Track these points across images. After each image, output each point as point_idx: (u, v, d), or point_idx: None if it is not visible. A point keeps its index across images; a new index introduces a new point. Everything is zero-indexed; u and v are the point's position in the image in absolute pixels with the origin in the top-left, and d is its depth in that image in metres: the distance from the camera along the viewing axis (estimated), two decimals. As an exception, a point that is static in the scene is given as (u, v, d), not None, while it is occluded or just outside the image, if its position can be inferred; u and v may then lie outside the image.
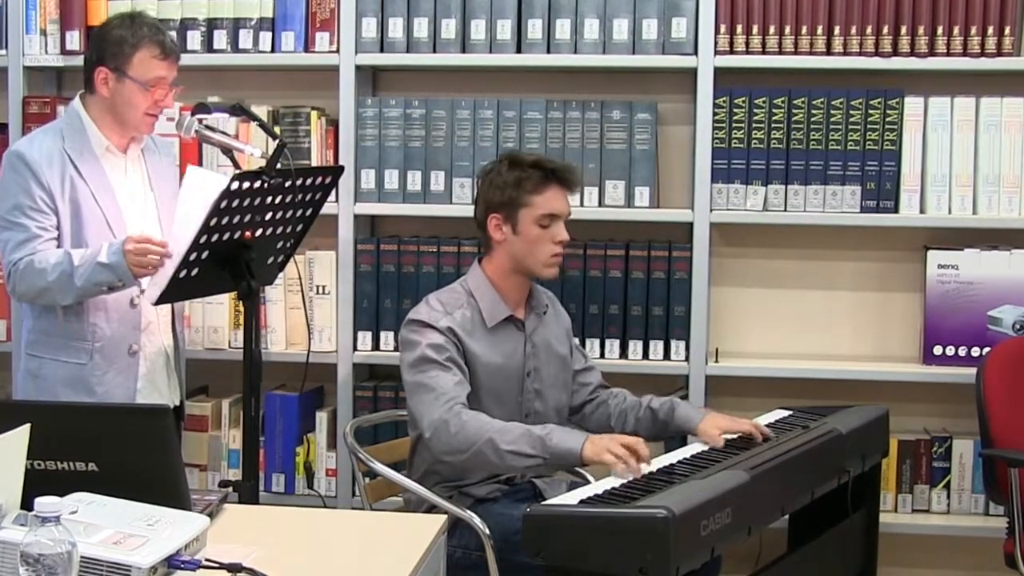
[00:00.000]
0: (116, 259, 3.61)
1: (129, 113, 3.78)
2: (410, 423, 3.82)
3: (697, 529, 2.99)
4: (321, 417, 4.61)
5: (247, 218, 3.65)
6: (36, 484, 2.36)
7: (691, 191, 4.38)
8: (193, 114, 3.89)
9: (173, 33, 4.28)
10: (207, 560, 2.45)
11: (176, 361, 3.98)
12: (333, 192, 4.14)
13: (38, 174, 3.68)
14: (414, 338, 3.69)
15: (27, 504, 2.30)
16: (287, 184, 3.69)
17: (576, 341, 4.15)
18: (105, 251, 3.63)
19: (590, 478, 3.82)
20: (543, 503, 3.47)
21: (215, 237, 3.60)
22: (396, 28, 4.40)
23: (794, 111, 4.29)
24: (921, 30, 4.22)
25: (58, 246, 3.72)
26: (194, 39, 4.51)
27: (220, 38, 4.51)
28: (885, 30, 4.23)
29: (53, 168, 3.71)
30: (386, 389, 4.53)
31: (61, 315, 3.76)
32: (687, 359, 4.38)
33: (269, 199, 3.69)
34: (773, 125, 4.30)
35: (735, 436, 3.70)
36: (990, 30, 4.20)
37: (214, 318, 4.57)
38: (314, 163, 4.49)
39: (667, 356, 4.40)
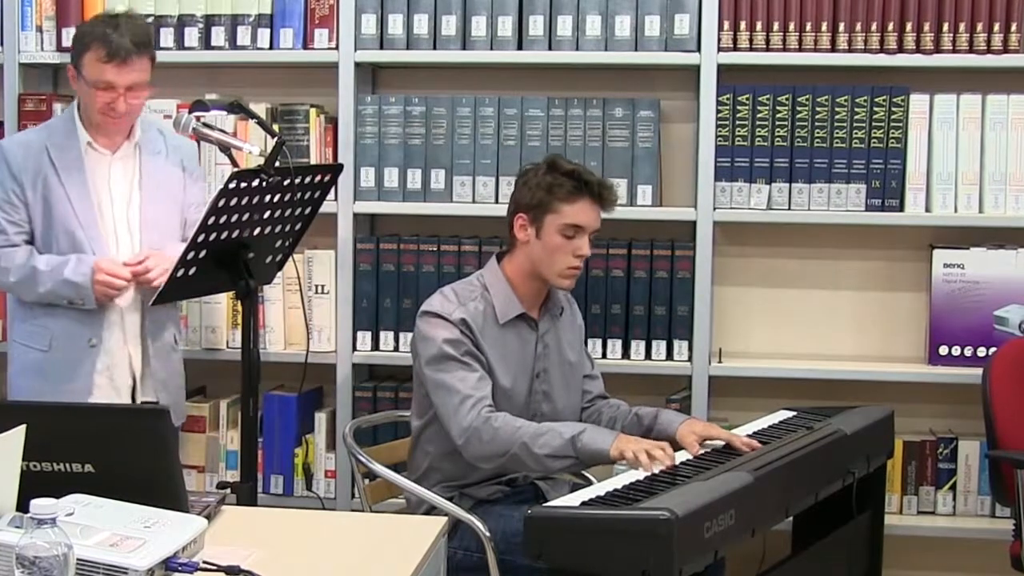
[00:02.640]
0: (83, 280, 3.71)
1: (89, 111, 3.82)
2: (415, 412, 3.82)
3: (700, 531, 2.97)
4: (320, 418, 4.59)
5: (245, 217, 3.64)
6: (32, 486, 2.36)
7: (694, 189, 4.36)
8: (190, 112, 3.88)
9: (164, 31, 4.35)
10: (205, 562, 2.43)
11: (151, 360, 3.93)
12: (332, 190, 4.11)
13: (11, 166, 3.75)
14: (429, 333, 3.67)
15: (23, 506, 2.28)
16: (286, 182, 3.68)
17: (588, 348, 4.13)
18: (73, 267, 3.72)
19: (593, 479, 3.81)
20: (544, 504, 3.45)
21: (213, 236, 3.59)
22: (396, 25, 4.38)
23: (798, 108, 4.27)
24: (927, 27, 4.20)
25: (30, 240, 3.81)
26: (192, 36, 4.50)
27: (218, 35, 4.49)
28: (890, 27, 4.21)
29: (28, 161, 3.77)
30: (386, 389, 4.51)
31: (28, 303, 3.85)
32: (690, 359, 4.35)
33: (267, 198, 3.68)
34: (777, 123, 4.27)
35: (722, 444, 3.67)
36: (996, 27, 4.18)
37: (212, 318, 4.55)
38: (313, 161, 4.47)
39: (670, 356, 4.38)
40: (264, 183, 3.59)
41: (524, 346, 3.80)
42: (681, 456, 3.52)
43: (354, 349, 4.49)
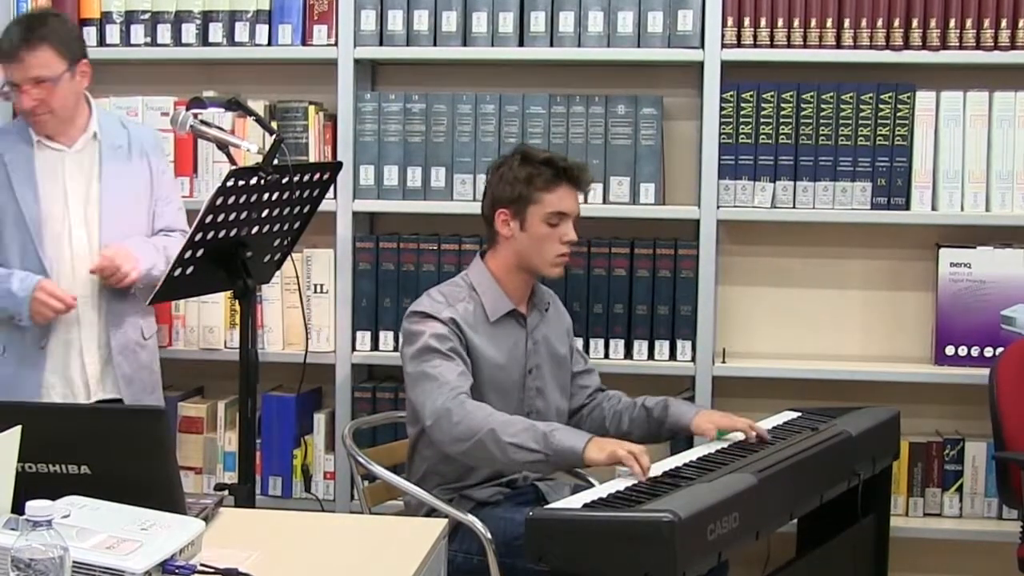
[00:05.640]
0: (24, 295, 3.72)
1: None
2: (409, 419, 3.80)
3: (703, 533, 2.95)
4: (319, 419, 4.56)
5: (243, 215, 3.63)
6: (27, 487, 2.34)
7: (698, 188, 4.34)
8: (188, 109, 3.85)
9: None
10: (202, 565, 2.40)
11: (113, 356, 3.90)
12: (331, 189, 4.09)
13: None
14: (416, 328, 3.65)
15: (18, 508, 2.25)
16: (284, 181, 3.66)
17: (578, 343, 4.11)
18: (19, 281, 3.74)
19: (594, 481, 3.79)
20: (546, 507, 3.41)
21: (211, 235, 3.58)
22: (396, 21, 4.36)
23: (803, 106, 4.24)
24: (933, 23, 4.18)
25: None
26: (189, 32, 4.48)
27: (216, 31, 4.47)
28: (896, 23, 4.19)
29: None
30: (385, 390, 4.48)
31: None
32: (693, 359, 4.33)
33: (266, 196, 3.66)
34: (781, 120, 4.24)
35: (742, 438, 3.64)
36: (1003, 23, 4.16)
37: (210, 318, 4.53)
38: (312, 159, 4.45)
39: (673, 356, 4.35)
40: (262, 181, 3.58)
41: (515, 343, 3.78)
42: (683, 458, 3.50)
43: (353, 349, 4.46)
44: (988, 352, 4.26)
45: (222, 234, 3.60)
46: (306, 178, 3.77)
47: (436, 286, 3.80)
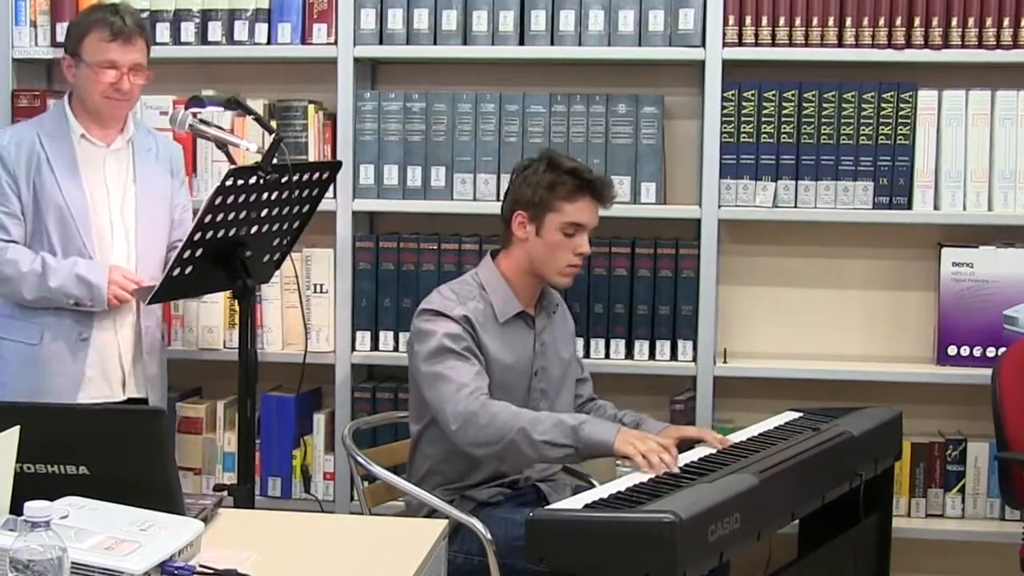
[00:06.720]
0: (98, 281, 3.73)
1: (88, 98, 3.84)
2: (413, 417, 3.80)
3: (704, 534, 2.94)
4: (318, 419, 4.55)
5: (243, 215, 3.62)
6: (26, 488, 2.34)
7: (699, 187, 4.33)
8: (187, 108, 3.86)
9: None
10: (201, 566, 2.39)
11: (143, 354, 3.95)
12: (331, 188, 4.09)
13: (5, 161, 3.78)
14: (429, 328, 3.64)
15: (17, 508, 2.26)
16: (283, 180, 3.66)
17: (579, 346, 4.09)
18: (87, 266, 3.74)
19: (595, 482, 3.78)
20: (547, 507, 3.39)
21: (210, 234, 3.57)
22: (395, 19, 4.35)
23: (805, 105, 4.23)
24: (935, 21, 4.16)
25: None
26: (188, 31, 4.47)
27: (215, 30, 4.46)
28: (898, 21, 4.17)
29: (21, 151, 3.80)
30: (385, 390, 4.47)
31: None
32: (694, 359, 4.31)
33: (265, 195, 3.66)
34: (783, 119, 4.23)
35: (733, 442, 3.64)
36: (1006, 21, 4.15)
37: (209, 318, 4.51)
38: (311, 158, 4.44)
39: (674, 357, 4.34)
40: (262, 180, 3.57)
41: (523, 344, 3.78)
42: (684, 458, 3.48)
43: (353, 349, 4.45)
44: (990, 352, 4.25)
45: (221, 234, 3.60)
46: (305, 177, 3.77)
47: (446, 283, 3.80)
